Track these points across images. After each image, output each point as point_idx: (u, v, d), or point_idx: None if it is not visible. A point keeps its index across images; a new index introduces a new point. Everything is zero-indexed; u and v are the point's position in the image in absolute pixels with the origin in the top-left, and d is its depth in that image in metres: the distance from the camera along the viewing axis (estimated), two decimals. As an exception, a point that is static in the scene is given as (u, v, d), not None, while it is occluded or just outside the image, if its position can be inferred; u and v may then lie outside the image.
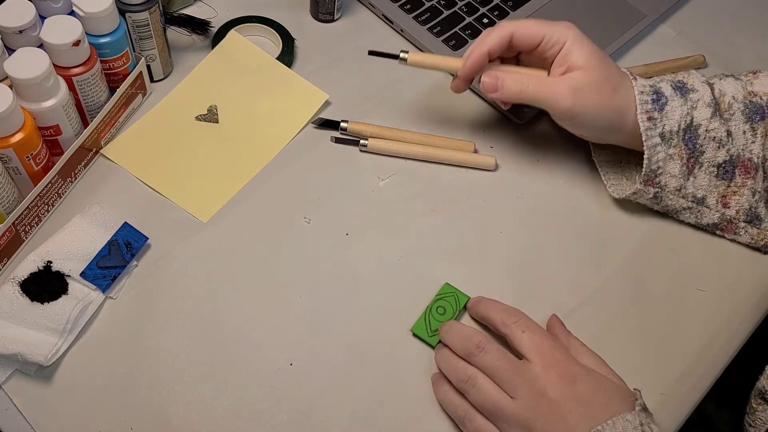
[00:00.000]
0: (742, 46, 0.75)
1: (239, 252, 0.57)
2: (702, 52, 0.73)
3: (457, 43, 0.70)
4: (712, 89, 0.57)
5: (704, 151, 0.56)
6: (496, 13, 0.73)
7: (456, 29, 0.71)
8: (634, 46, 0.74)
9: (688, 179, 0.57)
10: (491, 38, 0.56)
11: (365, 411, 0.51)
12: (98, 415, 0.50)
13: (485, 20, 0.72)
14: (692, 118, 0.55)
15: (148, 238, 0.56)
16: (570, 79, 0.55)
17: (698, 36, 0.76)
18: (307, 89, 0.66)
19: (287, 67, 0.67)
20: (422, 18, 0.72)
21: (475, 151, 0.64)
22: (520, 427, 0.46)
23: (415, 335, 0.54)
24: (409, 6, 0.73)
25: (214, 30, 0.69)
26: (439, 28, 0.71)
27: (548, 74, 0.57)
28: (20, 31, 0.53)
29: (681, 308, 0.58)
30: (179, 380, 0.51)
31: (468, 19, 0.72)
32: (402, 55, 0.59)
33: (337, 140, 0.64)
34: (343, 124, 0.64)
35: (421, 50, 0.71)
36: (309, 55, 0.70)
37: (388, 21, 0.73)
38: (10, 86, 0.52)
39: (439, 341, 0.53)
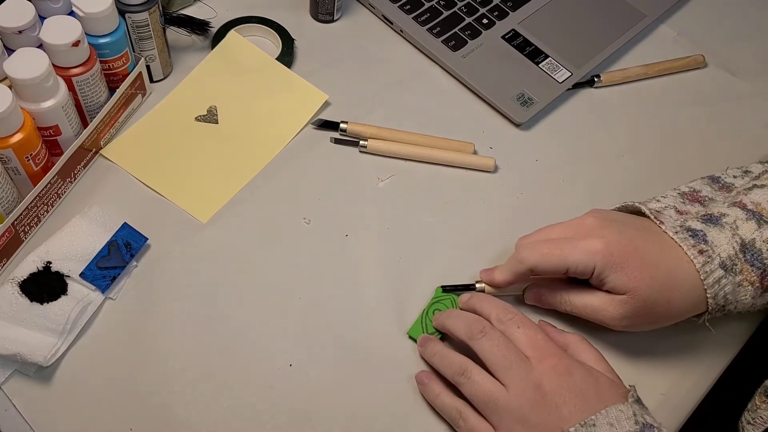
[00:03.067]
0: (742, 46, 0.75)
1: (239, 252, 0.57)
2: (702, 52, 0.73)
3: (456, 44, 0.70)
4: (743, 206, 0.51)
5: None
6: (495, 13, 0.73)
7: (456, 29, 0.71)
8: (634, 46, 0.74)
9: (763, 296, 0.51)
10: (511, 274, 0.53)
11: (365, 411, 0.51)
12: (98, 415, 0.50)
13: (485, 20, 0.72)
14: (741, 238, 0.49)
15: (147, 239, 0.56)
16: (616, 305, 0.50)
17: (698, 36, 0.76)
18: (307, 89, 0.66)
19: (287, 68, 0.67)
20: (422, 18, 0.72)
21: (475, 152, 0.64)
22: (514, 418, 0.46)
23: (411, 338, 0.54)
24: (408, 6, 0.72)
25: (214, 30, 0.69)
26: (438, 28, 0.71)
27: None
28: (20, 32, 0.53)
29: (681, 308, 0.58)
30: (179, 380, 0.51)
31: (468, 20, 0.72)
32: (478, 286, 0.56)
33: (337, 141, 0.64)
34: (342, 125, 0.64)
35: (421, 50, 0.71)
36: (309, 55, 0.70)
37: (388, 21, 0.73)
38: (10, 86, 0.51)
39: (421, 335, 0.53)
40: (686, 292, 0.49)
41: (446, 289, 0.56)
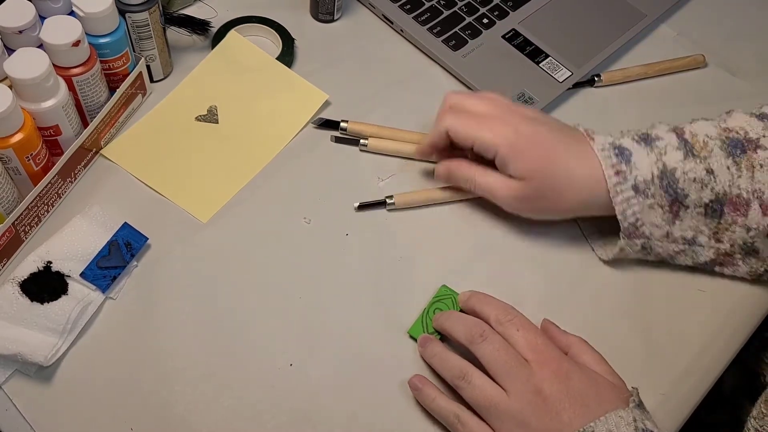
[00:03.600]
0: (742, 46, 0.75)
1: (239, 252, 0.57)
2: (702, 52, 0.73)
3: (457, 43, 0.70)
4: (681, 132, 0.55)
5: (688, 194, 0.53)
6: (496, 13, 0.73)
7: (456, 29, 0.71)
8: (634, 46, 0.74)
9: (674, 224, 0.54)
10: (431, 134, 0.58)
11: (365, 411, 0.51)
12: (98, 415, 0.50)
13: (485, 20, 0.72)
14: (664, 164, 0.53)
15: (148, 239, 0.56)
16: (512, 188, 0.55)
17: (698, 36, 0.76)
18: (307, 89, 0.66)
19: (287, 67, 0.67)
20: (422, 18, 0.72)
21: None
22: (515, 422, 0.46)
23: (411, 337, 0.54)
24: (409, 6, 0.72)
25: (214, 30, 0.69)
26: (439, 28, 0.71)
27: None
28: (20, 31, 0.53)
29: (681, 308, 0.58)
30: (179, 380, 0.51)
31: (468, 19, 0.72)
32: (389, 200, 0.60)
33: (337, 140, 0.64)
34: (343, 124, 0.64)
35: (421, 50, 0.71)
36: (309, 55, 0.70)
37: (388, 21, 0.73)
38: (10, 86, 0.51)
39: (421, 335, 0.53)
40: (591, 196, 0.54)
41: (362, 205, 0.59)
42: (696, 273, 0.59)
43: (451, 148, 0.59)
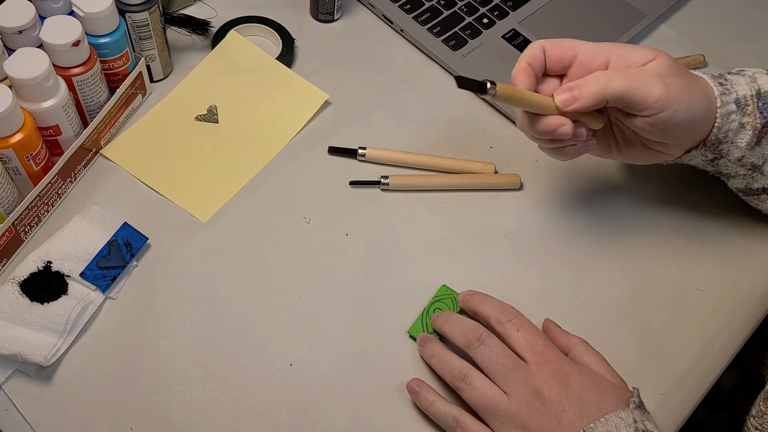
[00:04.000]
0: (742, 46, 0.75)
1: (239, 252, 0.57)
2: (702, 52, 0.73)
3: (457, 43, 0.70)
4: (764, 71, 0.55)
5: None
6: (496, 13, 0.73)
7: (456, 29, 0.71)
8: (634, 46, 0.74)
9: (754, 149, 0.53)
10: (524, 55, 0.50)
11: (365, 411, 0.51)
12: (98, 415, 0.50)
13: (485, 20, 0.72)
14: (759, 86, 0.53)
15: (147, 239, 0.56)
16: (651, 67, 0.48)
17: (698, 36, 0.76)
18: (307, 89, 0.66)
19: (287, 67, 0.67)
20: (422, 18, 0.72)
21: (496, 171, 0.63)
22: (514, 425, 0.46)
23: (411, 337, 0.54)
24: (409, 6, 0.73)
25: (214, 30, 0.69)
26: (439, 28, 0.71)
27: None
28: (20, 31, 0.53)
29: (681, 308, 0.58)
30: (179, 380, 0.51)
31: (468, 19, 0.72)
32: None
33: (354, 183, 0.62)
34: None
35: (421, 50, 0.71)
36: (309, 55, 0.70)
37: (388, 21, 0.73)
38: (10, 86, 0.51)
39: (421, 334, 0.53)
40: (704, 104, 0.50)
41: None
42: (696, 273, 0.59)
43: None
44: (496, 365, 0.48)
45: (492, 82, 0.45)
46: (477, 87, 0.45)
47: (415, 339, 0.54)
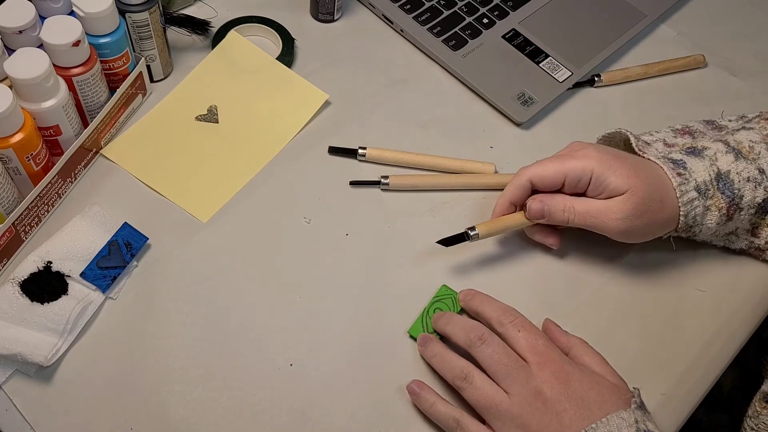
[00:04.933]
0: (742, 46, 0.75)
1: (239, 252, 0.57)
2: (702, 52, 0.73)
3: (457, 43, 0.70)
4: (726, 142, 0.56)
5: (743, 195, 0.54)
6: (496, 13, 0.73)
7: (456, 29, 0.71)
8: (634, 46, 0.74)
9: (726, 225, 0.56)
10: (509, 190, 0.55)
11: (365, 411, 0.51)
12: (98, 415, 0.50)
13: (485, 20, 0.72)
14: (718, 168, 0.54)
15: (148, 239, 0.56)
16: (618, 206, 0.52)
17: (698, 36, 0.76)
18: (307, 89, 0.66)
19: (287, 67, 0.67)
20: (422, 18, 0.72)
21: (496, 172, 0.63)
22: (515, 424, 0.46)
23: (411, 337, 0.54)
24: (409, 6, 0.73)
25: (214, 30, 0.69)
26: (439, 28, 0.71)
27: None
28: (20, 31, 0.53)
29: (681, 308, 0.58)
30: (179, 380, 0.51)
31: (468, 19, 0.72)
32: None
33: (354, 183, 0.62)
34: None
35: (421, 50, 0.71)
36: (309, 55, 0.70)
37: (388, 21, 0.73)
38: (10, 86, 0.51)
39: (421, 334, 0.53)
40: (670, 200, 0.53)
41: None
42: (696, 273, 0.59)
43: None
44: (498, 364, 0.48)
45: (471, 228, 0.54)
46: (462, 238, 0.54)
47: (415, 339, 0.54)
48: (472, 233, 0.54)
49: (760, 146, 0.55)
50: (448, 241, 0.55)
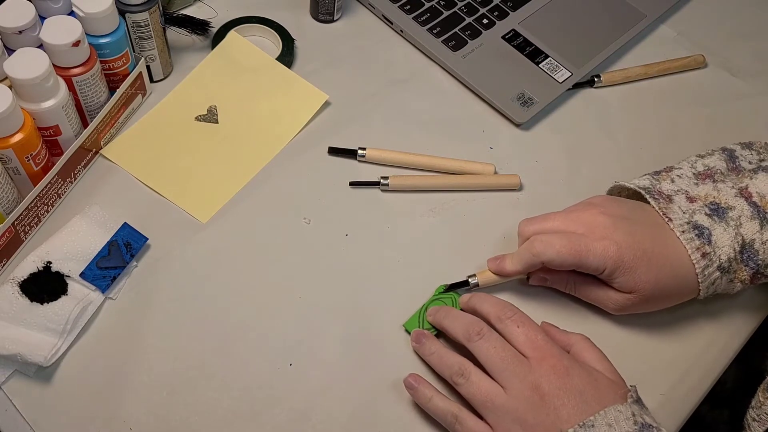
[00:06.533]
0: (742, 46, 0.75)
1: (239, 252, 0.57)
2: (702, 52, 0.73)
3: (457, 44, 0.70)
4: (749, 195, 0.53)
5: None
6: (495, 13, 0.73)
7: (456, 30, 0.71)
8: (634, 46, 0.74)
9: (747, 288, 0.55)
10: (523, 265, 0.53)
11: (365, 411, 0.51)
12: (98, 415, 0.50)
13: (485, 20, 0.72)
14: (743, 238, 0.52)
15: (147, 239, 0.56)
16: (619, 298, 0.53)
17: (698, 36, 0.76)
18: (307, 89, 0.66)
19: (287, 68, 0.67)
20: (422, 18, 0.72)
21: (496, 172, 0.63)
22: (512, 418, 0.46)
23: (406, 331, 0.54)
24: (409, 6, 0.73)
25: (214, 30, 0.69)
26: (439, 28, 0.71)
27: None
28: (20, 32, 0.53)
29: (681, 308, 0.58)
30: (179, 380, 0.51)
31: (468, 20, 0.72)
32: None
33: (352, 184, 0.62)
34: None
35: (421, 51, 0.71)
36: (309, 55, 0.70)
37: (388, 21, 0.73)
38: (10, 86, 0.51)
39: (415, 330, 0.53)
40: (684, 287, 0.53)
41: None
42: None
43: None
44: (495, 359, 0.48)
45: (471, 276, 0.56)
46: (464, 284, 0.56)
47: (410, 333, 0.54)
48: (472, 282, 0.56)
49: None
50: (455, 286, 0.56)
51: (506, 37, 0.72)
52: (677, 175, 0.56)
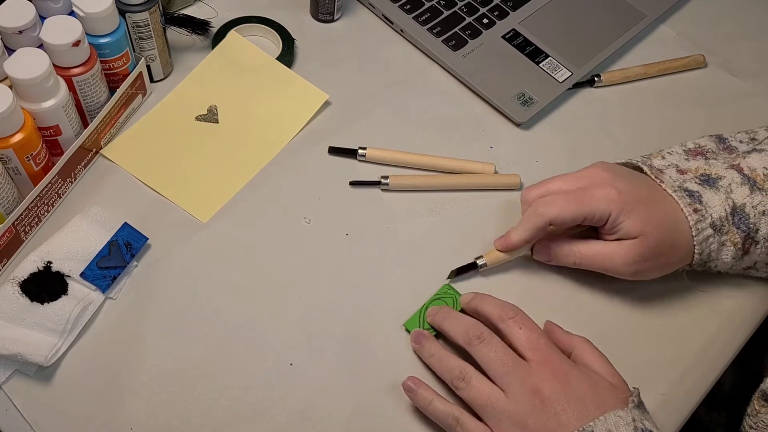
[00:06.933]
0: (742, 46, 0.75)
1: (239, 252, 0.57)
2: (702, 52, 0.73)
3: (457, 44, 0.70)
4: (740, 169, 0.55)
5: (759, 228, 0.53)
6: (496, 13, 0.73)
7: (456, 29, 0.71)
8: (634, 46, 0.74)
9: (743, 259, 0.55)
10: (529, 231, 0.54)
11: (365, 411, 0.51)
12: (98, 415, 0.50)
13: (485, 20, 0.72)
14: (733, 201, 0.53)
15: (148, 239, 0.56)
16: (627, 249, 0.53)
17: (698, 36, 0.76)
18: (307, 89, 0.66)
19: (287, 68, 0.67)
20: (422, 18, 0.72)
21: (496, 172, 0.63)
22: (512, 422, 0.46)
23: (407, 330, 0.54)
24: (409, 6, 0.72)
25: (214, 30, 0.69)
26: (439, 28, 0.71)
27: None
28: (20, 32, 0.53)
29: (681, 308, 0.58)
30: (179, 380, 0.51)
31: (468, 20, 0.72)
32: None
33: (353, 183, 0.62)
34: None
35: (421, 50, 0.71)
36: (309, 55, 0.70)
37: (388, 21, 0.73)
38: (10, 86, 0.51)
39: (415, 330, 0.53)
40: (681, 241, 0.53)
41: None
42: (696, 273, 0.59)
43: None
44: (495, 363, 0.48)
45: (479, 257, 0.56)
46: (472, 267, 0.56)
47: (409, 331, 0.54)
48: (480, 263, 0.56)
49: None
50: (460, 270, 0.56)
51: (506, 36, 0.72)
52: (668, 153, 0.59)
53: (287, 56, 0.68)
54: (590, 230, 0.56)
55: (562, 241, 0.55)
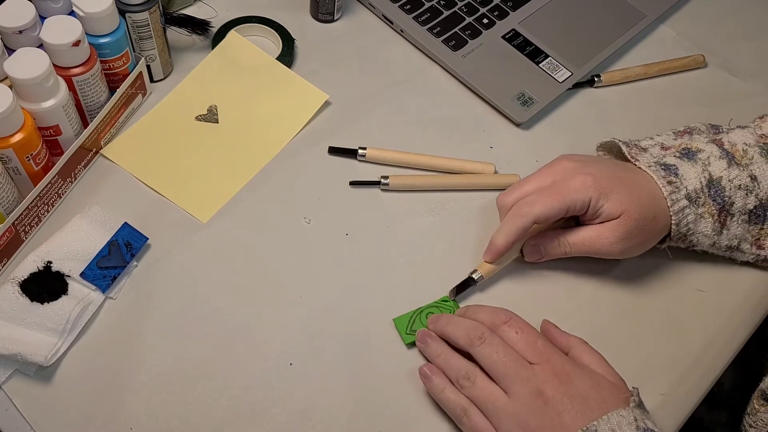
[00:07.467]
0: (742, 46, 0.75)
1: (239, 252, 0.57)
2: (702, 52, 0.73)
3: (457, 44, 0.70)
4: (721, 143, 0.56)
5: (734, 201, 0.55)
6: (496, 13, 0.73)
7: (456, 29, 0.71)
8: (634, 46, 0.74)
9: (722, 233, 0.56)
10: (515, 233, 0.54)
11: (365, 411, 0.51)
12: (98, 415, 0.50)
13: (485, 20, 0.72)
14: (710, 173, 0.55)
15: (148, 239, 0.56)
16: (612, 229, 0.54)
17: (698, 36, 0.76)
18: (307, 89, 0.66)
19: (287, 68, 0.67)
20: (422, 18, 0.72)
21: (496, 172, 0.63)
22: (514, 422, 0.46)
23: (396, 326, 0.54)
24: (409, 6, 0.73)
25: (214, 30, 0.69)
26: (439, 28, 0.71)
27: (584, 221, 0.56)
28: (20, 31, 0.53)
29: (681, 308, 0.58)
30: (179, 380, 0.51)
31: (468, 20, 0.72)
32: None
33: (353, 183, 0.62)
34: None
35: (421, 50, 0.71)
36: (309, 55, 0.70)
37: (388, 21, 0.73)
38: (10, 86, 0.52)
39: (416, 336, 0.53)
40: (659, 211, 0.54)
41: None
42: (696, 273, 0.59)
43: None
44: (498, 363, 0.48)
45: (474, 272, 0.56)
46: (470, 283, 0.56)
47: (396, 327, 0.54)
48: (477, 277, 0.56)
49: (753, 150, 0.56)
50: (460, 288, 0.56)
51: (506, 36, 0.72)
52: (657, 134, 0.60)
53: (287, 56, 0.68)
54: (570, 220, 0.57)
55: (549, 235, 0.56)
